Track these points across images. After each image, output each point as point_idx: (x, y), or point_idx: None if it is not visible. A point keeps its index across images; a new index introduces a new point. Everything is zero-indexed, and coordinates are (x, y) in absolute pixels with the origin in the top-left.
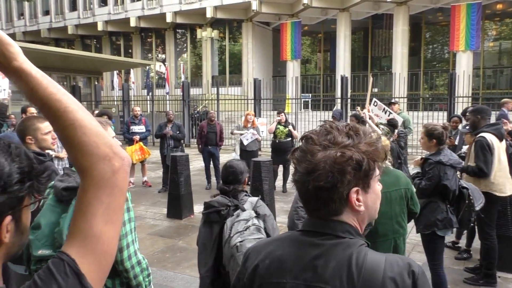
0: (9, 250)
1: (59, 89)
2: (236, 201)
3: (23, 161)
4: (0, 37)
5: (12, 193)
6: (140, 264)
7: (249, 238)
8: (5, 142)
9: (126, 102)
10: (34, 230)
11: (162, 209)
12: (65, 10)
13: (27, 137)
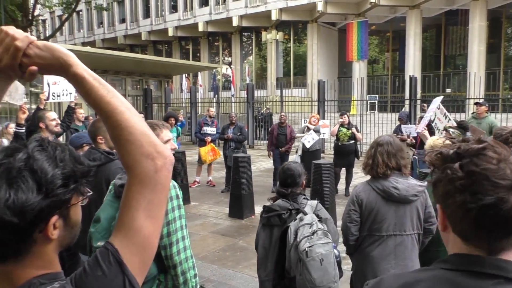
0: (61, 243)
1: (109, 91)
2: (297, 205)
3: (67, 166)
4: (60, 50)
5: (55, 197)
6: (188, 261)
7: (318, 243)
8: (53, 146)
9: (194, 104)
10: (95, 223)
11: (224, 208)
12: (139, 18)
13: (98, 137)
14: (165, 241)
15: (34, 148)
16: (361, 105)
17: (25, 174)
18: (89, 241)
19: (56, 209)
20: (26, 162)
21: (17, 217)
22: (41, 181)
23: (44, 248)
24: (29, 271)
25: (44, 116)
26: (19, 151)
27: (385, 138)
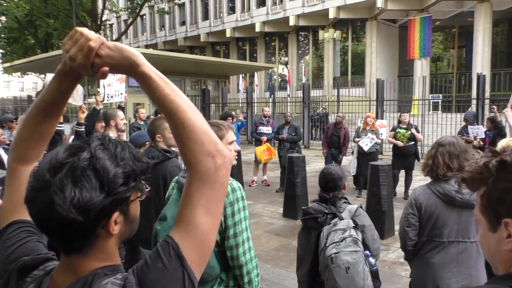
0: (121, 237)
1: (173, 90)
2: (334, 209)
3: (127, 164)
4: (129, 50)
5: (117, 195)
6: (252, 262)
7: (345, 250)
8: (113, 145)
9: (250, 104)
10: (161, 221)
11: (278, 208)
12: (198, 20)
13: (157, 135)
14: (231, 242)
15: (96, 146)
16: (423, 104)
17: (89, 173)
18: (154, 238)
19: (117, 206)
20: (90, 161)
21: (82, 215)
22: (103, 180)
23: (106, 242)
24: (92, 263)
25: (115, 115)
26: (83, 150)
27: (447, 138)
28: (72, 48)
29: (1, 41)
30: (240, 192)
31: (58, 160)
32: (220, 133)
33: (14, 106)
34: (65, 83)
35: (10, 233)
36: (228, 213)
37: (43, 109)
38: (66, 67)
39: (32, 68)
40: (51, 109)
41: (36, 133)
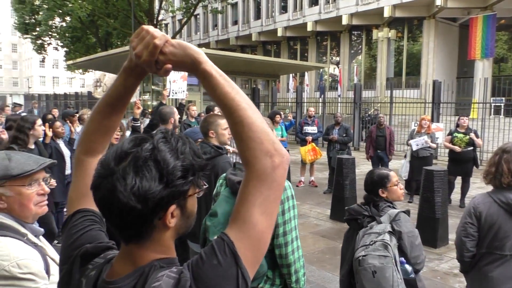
0: (177, 231)
1: (233, 88)
2: (375, 212)
3: (186, 158)
4: (192, 48)
5: (175, 187)
6: (300, 261)
7: (373, 254)
8: (175, 139)
9: (299, 104)
10: (212, 217)
11: (326, 210)
12: (250, 19)
13: (210, 131)
14: (280, 240)
15: (159, 139)
16: (483, 108)
17: (150, 163)
18: (203, 233)
19: (175, 199)
20: (152, 152)
21: (140, 204)
22: (163, 171)
23: (162, 234)
24: (150, 254)
25: (173, 112)
26: (146, 142)
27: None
28: (138, 45)
29: (66, 40)
30: (290, 190)
31: (123, 150)
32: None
33: (76, 101)
34: (130, 80)
35: (75, 221)
36: (278, 212)
37: (109, 104)
38: (132, 63)
39: (93, 65)
40: (117, 104)
41: (102, 127)
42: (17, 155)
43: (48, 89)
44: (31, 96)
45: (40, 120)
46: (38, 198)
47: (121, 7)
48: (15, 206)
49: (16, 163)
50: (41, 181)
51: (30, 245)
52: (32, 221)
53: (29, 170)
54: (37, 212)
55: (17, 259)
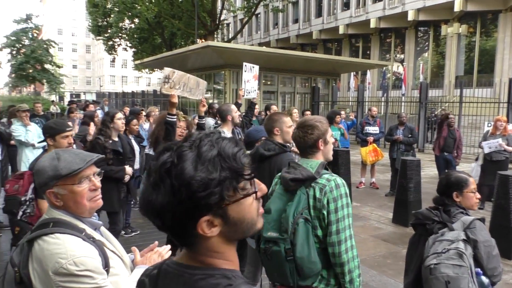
0: (227, 238)
1: None
2: (446, 218)
3: (208, 169)
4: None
5: (196, 201)
6: (354, 261)
7: (446, 263)
8: (201, 146)
9: (361, 103)
10: (266, 214)
11: (387, 213)
12: (311, 17)
13: (275, 129)
14: (333, 239)
15: (181, 148)
16: None
17: (165, 177)
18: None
19: (203, 211)
20: (169, 164)
21: (157, 219)
22: (175, 186)
23: (207, 241)
24: (210, 259)
25: (230, 109)
26: (165, 153)
27: None
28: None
29: (134, 41)
30: (344, 188)
31: (151, 163)
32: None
33: (142, 99)
34: None
35: None
36: (331, 209)
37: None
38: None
39: (158, 65)
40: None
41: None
42: (65, 154)
43: (117, 88)
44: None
45: (120, 114)
46: (91, 193)
47: (185, 8)
48: (70, 203)
49: (64, 163)
50: (92, 177)
51: (88, 241)
52: (88, 215)
53: (77, 169)
54: (91, 207)
55: (74, 257)
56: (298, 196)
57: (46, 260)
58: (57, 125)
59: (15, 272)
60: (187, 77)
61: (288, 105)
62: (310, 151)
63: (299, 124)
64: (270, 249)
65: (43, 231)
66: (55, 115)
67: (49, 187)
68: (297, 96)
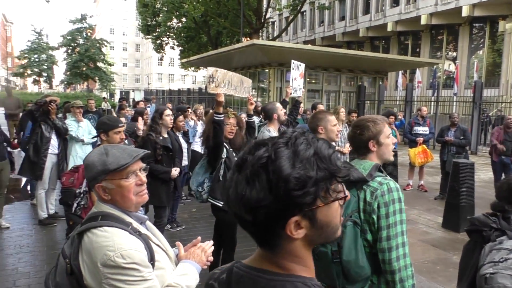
0: (310, 242)
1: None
2: (505, 225)
3: (307, 167)
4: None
5: (290, 199)
6: (407, 270)
7: (503, 273)
8: (297, 144)
9: (409, 103)
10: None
11: (436, 217)
12: (358, 14)
13: (319, 127)
14: (383, 245)
15: (277, 144)
16: None
17: (261, 172)
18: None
19: (294, 211)
20: (265, 160)
21: (249, 215)
22: (272, 182)
23: (290, 244)
24: (289, 264)
25: (275, 108)
26: (261, 148)
27: None
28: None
29: (181, 40)
30: (397, 193)
31: (241, 157)
32: (377, 128)
33: (187, 97)
34: None
35: None
36: (382, 214)
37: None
38: None
39: (204, 63)
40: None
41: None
42: (113, 149)
43: (164, 85)
44: (150, 91)
45: (168, 111)
46: (137, 188)
47: (232, 6)
48: (117, 197)
49: (112, 158)
50: (138, 172)
51: (134, 235)
52: (135, 210)
53: (124, 164)
54: (138, 202)
55: (121, 249)
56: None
57: (95, 252)
58: (110, 121)
59: (66, 263)
60: (230, 75)
61: (333, 104)
62: (363, 151)
63: (354, 123)
64: (318, 249)
65: (92, 224)
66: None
67: (98, 181)
68: (342, 95)
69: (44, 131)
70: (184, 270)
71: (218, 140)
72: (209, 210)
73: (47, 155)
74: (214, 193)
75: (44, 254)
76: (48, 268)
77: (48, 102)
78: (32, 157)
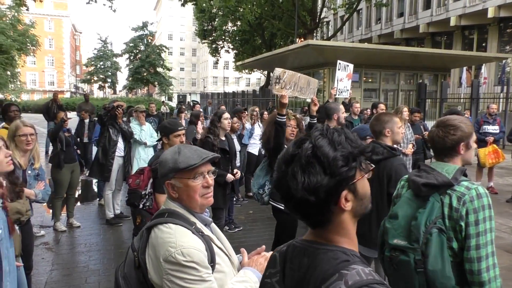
0: (354, 213)
1: None
2: None
3: (344, 148)
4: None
5: (340, 175)
6: (497, 281)
7: None
8: (330, 133)
9: (475, 100)
10: (392, 219)
11: (508, 221)
12: (418, 10)
13: (386, 130)
14: (472, 254)
15: (316, 137)
16: None
17: (312, 160)
18: (381, 236)
19: (344, 185)
20: (312, 150)
21: (312, 196)
22: (324, 164)
23: (341, 217)
24: (334, 236)
25: (338, 109)
26: (305, 142)
27: None
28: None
29: (236, 43)
30: (487, 199)
31: (289, 153)
32: (470, 129)
33: (242, 99)
34: None
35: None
36: (471, 221)
37: None
38: None
39: (258, 65)
40: None
41: None
42: (185, 149)
43: (219, 88)
44: (205, 94)
45: (227, 114)
46: (203, 190)
47: (286, 8)
48: (184, 196)
49: (183, 157)
50: (206, 174)
51: (196, 234)
52: (200, 211)
53: (193, 164)
54: (202, 203)
55: (182, 247)
56: (431, 203)
57: (158, 247)
58: (171, 125)
59: (134, 256)
60: (298, 76)
61: (391, 103)
62: (448, 154)
63: (440, 122)
64: (397, 258)
65: (159, 220)
66: (165, 115)
67: (169, 178)
68: (401, 94)
69: (111, 135)
70: (245, 277)
71: (280, 141)
72: (266, 212)
73: (114, 157)
74: (275, 196)
75: (111, 252)
76: (116, 265)
77: (116, 107)
78: (101, 159)
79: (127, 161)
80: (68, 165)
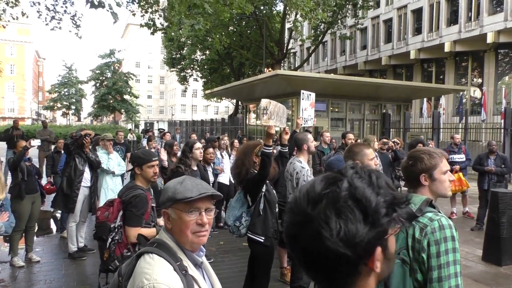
0: (379, 276)
1: None
2: None
3: (387, 193)
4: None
5: (380, 227)
6: None
7: None
8: (367, 173)
9: (436, 130)
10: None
11: (475, 249)
12: (380, 43)
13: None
14: (434, 286)
15: (353, 175)
16: None
17: (350, 203)
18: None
19: (381, 240)
20: (349, 191)
21: (349, 249)
22: (366, 210)
23: (367, 281)
24: None
25: (306, 139)
26: (340, 180)
27: None
28: None
29: (205, 72)
30: (450, 230)
31: (316, 192)
32: (432, 162)
33: (211, 127)
34: None
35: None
36: (432, 253)
37: None
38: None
39: (227, 94)
40: None
41: None
42: (189, 181)
43: (187, 116)
44: (173, 122)
45: (198, 144)
46: (196, 227)
47: (254, 39)
48: (176, 229)
49: (182, 188)
50: (203, 211)
51: (178, 272)
52: (190, 248)
53: (189, 196)
54: (193, 241)
55: (156, 281)
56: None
57: (137, 276)
58: (145, 155)
59: (119, 281)
60: (279, 106)
61: (357, 132)
62: (414, 185)
63: (409, 153)
64: None
65: (147, 249)
66: (132, 143)
67: (166, 207)
68: (366, 123)
69: (78, 164)
70: None
71: (266, 173)
72: (237, 243)
73: (80, 188)
74: (254, 228)
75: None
76: None
77: (83, 136)
78: (66, 189)
79: (94, 191)
80: (29, 196)
